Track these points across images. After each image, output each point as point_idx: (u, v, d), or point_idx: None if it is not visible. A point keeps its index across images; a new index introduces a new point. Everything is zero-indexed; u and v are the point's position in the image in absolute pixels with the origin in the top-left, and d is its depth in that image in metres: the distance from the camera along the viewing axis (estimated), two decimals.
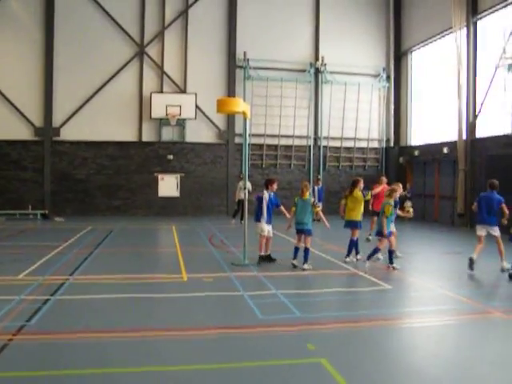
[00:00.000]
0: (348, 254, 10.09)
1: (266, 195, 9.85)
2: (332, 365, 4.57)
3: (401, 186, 10.69)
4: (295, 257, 9.47)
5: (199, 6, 20.88)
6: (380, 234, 9.45)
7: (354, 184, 10.11)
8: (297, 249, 9.49)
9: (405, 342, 5.41)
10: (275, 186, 10.11)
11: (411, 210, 10.77)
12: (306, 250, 9.29)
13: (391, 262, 9.35)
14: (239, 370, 4.53)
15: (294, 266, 9.30)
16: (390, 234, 9.46)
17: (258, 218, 9.94)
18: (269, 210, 9.82)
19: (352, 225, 10.02)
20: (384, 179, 13.07)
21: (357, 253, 10.20)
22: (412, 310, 6.90)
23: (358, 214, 10.00)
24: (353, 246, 10.06)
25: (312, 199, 9.57)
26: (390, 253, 9.40)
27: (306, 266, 9.22)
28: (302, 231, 9.38)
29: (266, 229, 9.83)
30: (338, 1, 21.95)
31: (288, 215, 9.89)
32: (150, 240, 14.27)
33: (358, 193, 9.99)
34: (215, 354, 4.96)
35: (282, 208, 10.07)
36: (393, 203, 9.43)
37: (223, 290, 7.61)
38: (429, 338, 5.63)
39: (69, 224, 17.07)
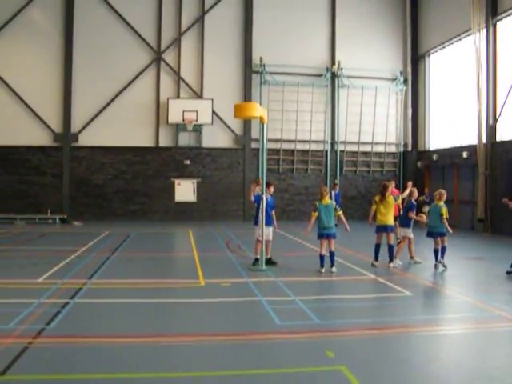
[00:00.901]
0: (391, 260, 9.98)
1: (263, 199, 9.74)
2: (352, 373, 4.48)
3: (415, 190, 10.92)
4: (323, 265, 9.36)
5: (215, 12, 21.02)
6: (434, 234, 9.84)
7: (385, 188, 10.06)
8: (323, 257, 9.39)
9: (427, 351, 5.28)
10: (272, 189, 10.19)
11: (424, 215, 11.12)
12: (333, 254, 9.40)
13: (443, 257, 9.74)
14: (256, 378, 4.47)
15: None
16: (445, 233, 9.81)
17: (256, 222, 9.92)
18: (267, 213, 9.77)
19: (387, 229, 9.97)
20: (393, 183, 13.03)
21: (376, 259, 10.06)
22: (433, 317, 6.76)
23: (391, 218, 10.04)
24: (392, 250, 10.02)
25: (334, 203, 9.59)
26: (443, 250, 9.76)
27: (334, 269, 9.29)
28: (328, 236, 9.35)
29: (264, 232, 9.69)
30: (353, 5, 21.85)
31: (276, 224, 10.11)
32: (167, 245, 14.32)
33: (390, 197, 10.00)
34: (232, 360, 4.91)
35: (273, 213, 10.03)
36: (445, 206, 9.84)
37: (241, 295, 7.58)
38: (451, 347, 5.50)
39: (87, 228, 17.27)
